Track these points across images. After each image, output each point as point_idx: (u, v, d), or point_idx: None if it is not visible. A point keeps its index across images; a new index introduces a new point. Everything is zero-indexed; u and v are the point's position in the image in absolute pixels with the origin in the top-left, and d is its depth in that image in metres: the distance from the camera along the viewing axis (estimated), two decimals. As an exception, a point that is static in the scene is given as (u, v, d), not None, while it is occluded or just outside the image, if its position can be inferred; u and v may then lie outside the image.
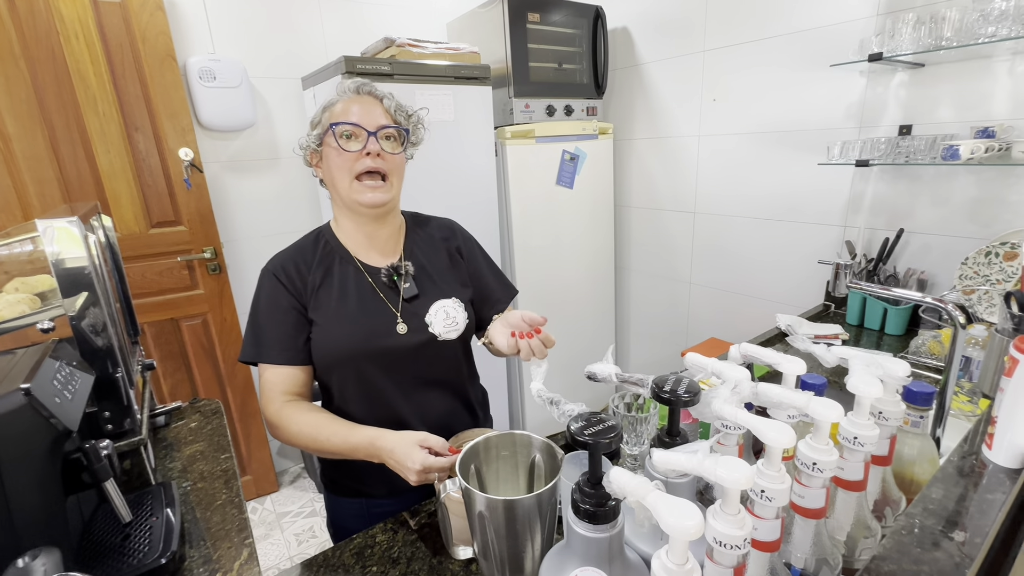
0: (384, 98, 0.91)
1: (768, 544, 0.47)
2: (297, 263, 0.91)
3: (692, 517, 0.35)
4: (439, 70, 1.74)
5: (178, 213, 1.87)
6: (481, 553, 0.66)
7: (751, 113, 1.84)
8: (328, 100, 0.90)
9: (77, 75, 1.62)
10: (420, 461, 0.72)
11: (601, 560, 0.47)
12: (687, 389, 0.50)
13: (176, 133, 1.80)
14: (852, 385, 0.53)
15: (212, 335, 2.02)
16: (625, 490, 0.39)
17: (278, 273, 0.90)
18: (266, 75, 2.01)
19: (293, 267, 0.90)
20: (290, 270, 0.90)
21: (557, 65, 2.09)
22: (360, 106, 0.87)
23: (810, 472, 0.50)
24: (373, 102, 0.89)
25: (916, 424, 0.64)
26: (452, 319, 0.91)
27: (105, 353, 0.88)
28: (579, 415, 0.46)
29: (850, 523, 0.56)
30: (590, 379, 0.60)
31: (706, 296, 2.17)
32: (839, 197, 1.66)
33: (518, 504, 0.59)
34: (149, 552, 0.73)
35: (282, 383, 0.88)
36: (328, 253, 0.93)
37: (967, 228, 1.40)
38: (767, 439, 0.45)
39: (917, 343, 1.29)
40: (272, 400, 0.87)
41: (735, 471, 0.40)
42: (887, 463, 0.59)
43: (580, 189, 2.18)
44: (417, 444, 0.74)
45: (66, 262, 0.83)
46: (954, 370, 0.82)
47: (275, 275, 0.90)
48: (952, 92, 1.38)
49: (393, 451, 0.75)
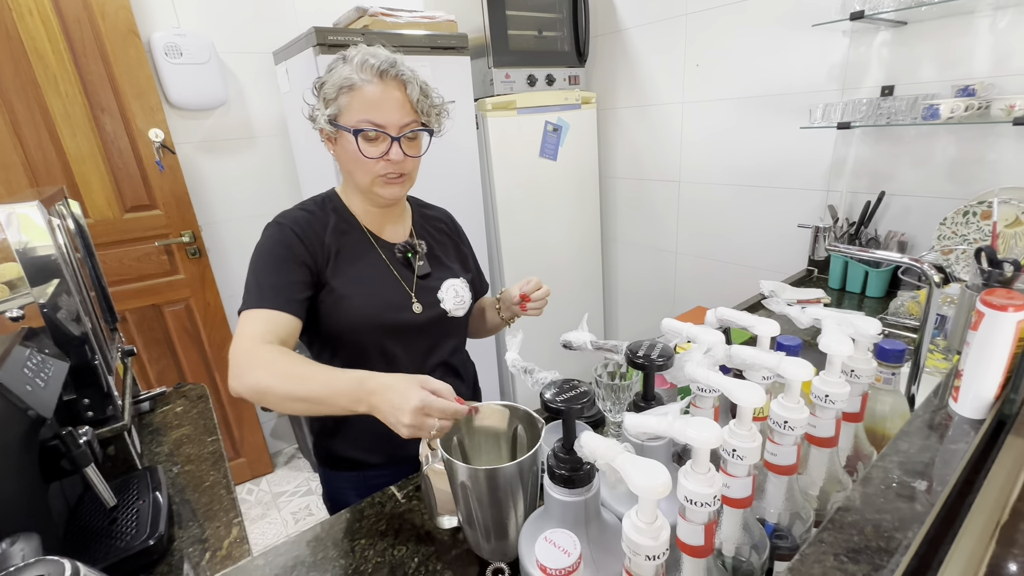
0: (408, 83, 0.83)
1: (740, 501, 0.48)
2: (312, 224, 0.87)
3: (659, 476, 0.36)
4: (415, 40, 1.69)
5: (152, 197, 1.82)
6: (466, 522, 0.67)
7: (734, 78, 1.81)
8: (346, 78, 0.80)
9: (35, 53, 1.55)
10: (420, 398, 0.61)
11: (578, 523, 0.47)
12: (660, 353, 0.51)
13: (144, 113, 1.74)
14: (824, 344, 0.53)
15: (196, 320, 1.99)
16: (596, 453, 0.39)
17: (295, 227, 0.85)
18: (235, 50, 1.94)
19: (309, 226, 0.87)
20: (306, 228, 0.86)
21: (537, 32, 2.03)
22: (384, 98, 0.81)
23: (781, 430, 0.50)
24: (398, 89, 0.82)
25: (888, 381, 0.65)
26: (461, 297, 0.96)
27: (80, 340, 0.87)
28: (552, 382, 0.46)
29: (822, 478, 0.58)
30: (565, 347, 0.60)
31: (692, 265, 2.18)
32: (822, 161, 1.66)
33: (499, 473, 0.60)
34: (136, 534, 0.74)
35: (270, 326, 0.78)
36: (340, 221, 0.91)
37: (946, 189, 1.41)
38: (737, 399, 0.46)
39: (896, 304, 1.31)
40: (249, 338, 0.76)
41: (704, 431, 0.40)
42: (859, 419, 0.60)
43: (564, 161, 2.15)
44: (419, 384, 0.64)
45: (31, 248, 0.80)
46: (929, 327, 0.83)
47: (292, 229, 0.85)
48: (934, 50, 1.37)
49: (391, 387, 0.64)
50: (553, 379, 0.47)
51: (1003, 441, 0.45)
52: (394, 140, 0.83)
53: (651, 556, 0.36)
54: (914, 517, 0.37)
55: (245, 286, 0.83)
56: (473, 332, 1.11)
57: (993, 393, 0.49)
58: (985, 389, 0.49)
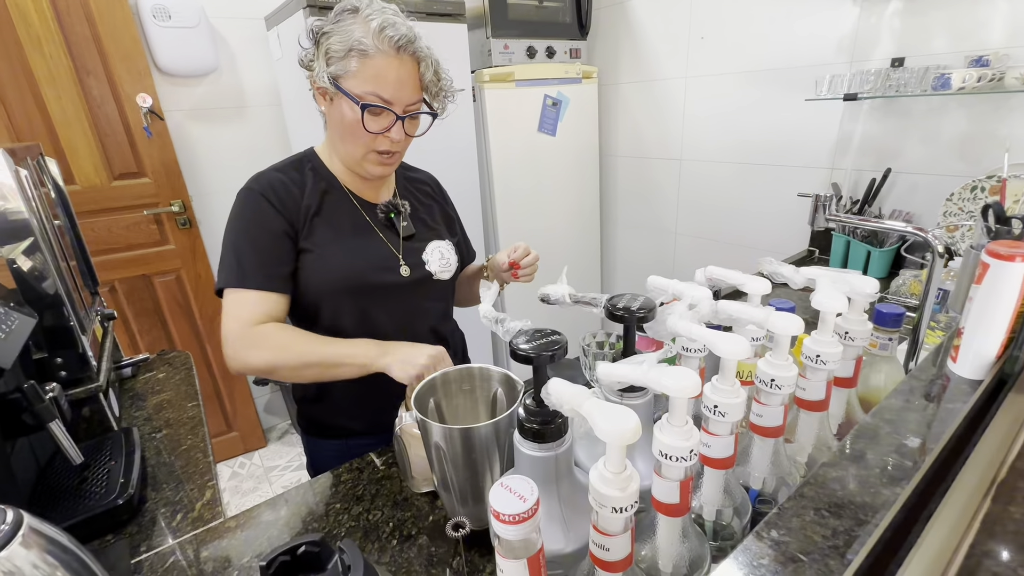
0: (423, 61, 0.79)
1: (721, 462, 0.46)
2: (287, 186, 0.83)
3: (628, 420, 0.33)
4: (409, 5, 1.60)
5: (141, 164, 1.78)
6: (441, 485, 0.65)
7: (740, 51, 1.75)
8: (359, 41, 0.75)
9: (16, 11, 1.50)
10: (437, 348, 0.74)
11: (548, 480, 0.45)
12: (641, 306, 0.48)
13: (132, 77, 1.69)
14: (817, 301, 0.50)
15: (187, 291, 1.97)
16: (562, 399, 0.36)
17: (267, 194, 0.82)
18: (226, 14, 1.88)
19: (284, 190, 0.83)
20: (281, 193, 0.82)
21: (538, 2, 1.97)
22: (396, 74, 0.77)
23: (768, 390, 0.47)
24: (411, 66, 0.78)
25: (884, 347, 0.62)
26: (446, 260, 0.94)
27: (54, 300, 0.84)
28: (522, 331, 0.43)
29: (812, 444, 0.55)
30: (543, 301, 0.57)
31: (692, 245, 2.14)
32: (827, 138, 1.61)
33: (474, 432, 0.58)
34: (105, 494, 0.72)
35: (261, 308, 0.79)
36: (319, 180, 0.87)
37: (955, 166, 1.36)
38: (720, 351, 0.43)
39: (897, 283, 1.27)
40: (242, 320, 0.78)
41: (681, 379, 0.37)
42: (852, 385, 0.57)
43: (563, 137, 2.10)
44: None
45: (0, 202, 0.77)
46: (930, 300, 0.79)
47: (264, 196, 0.81)
48: (947, 20, 1.31)
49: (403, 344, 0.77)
50: (523, 327, 0.45)
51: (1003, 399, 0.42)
52: (398, 119, 0.79)
53: (619, 508, 0.34)
54: (904, 474, 0.34)
55: (222, 258, 0.81)
56: (461, 300, 1.08)
57: (995, 351, 0.46)
58: (987, 347, 0.46)
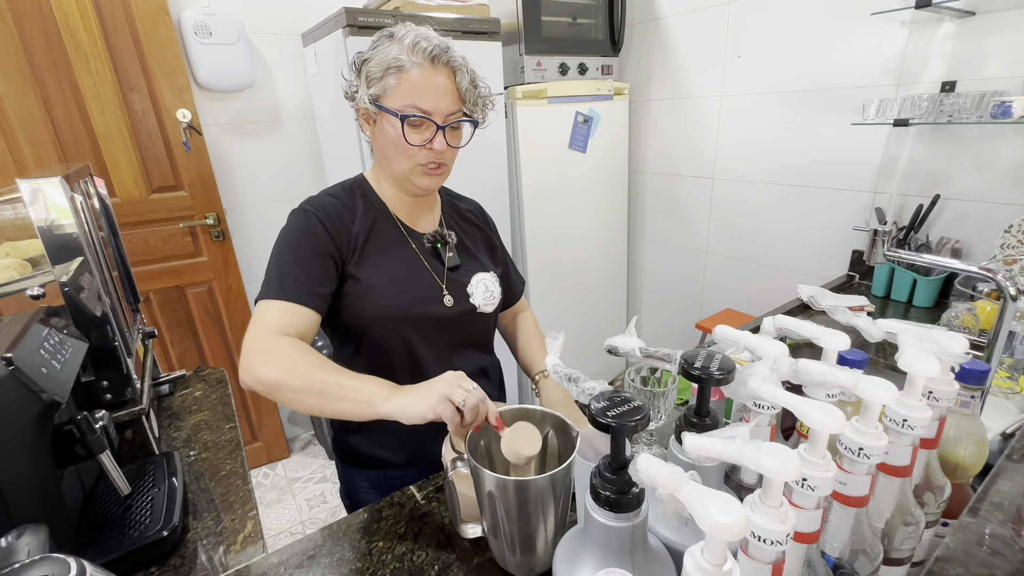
0: (459, 71, 0.80)
1: (807, 536, 0.43)
2: (340, 212, 0.83)
3: (734, 515, 0.31)
4: (446, 23, 1.64)
5: (178, 177, 1.81)
6: (491, 532, 0.63)
7: (779, 70, 1.72)
8: (395, 58, 0.76)
9: (67, 30, 1.54)
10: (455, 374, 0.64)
11: (623, 550, 0.43)
12: (720, 366, 0.45)
13: (173, 93, 1.72)
14: (905, 362, 0.47)
15: (218, 303, 1.99)
16: (655, 480, 0.34)
17: (321, 216, 0.82)
18: (264, 31, 1.91)
19: (336, 214, 0.83)
20: (333, 216, 0.82)
21: (571, 19, 1.96)
22: (433, 84, 0.77)
23: (855, 458, 0.45)
24: (447, 77, 0.79)
25: (966, 404, 0.58)
26: (491, 292, 0.93)
27: (100, 321, 0.85)
28: (601, 394, 0.41)
29: (891, 510, 0.52)
30: (611, 353, 0.55)
31: (722, 266, 2.10)
32: (870, 161, 1.56)
33: (530, 485, 0.56)
34: (150, 524, 0.72)
35: (289, 319, 0.75)
36: (370, 208, 0.87)
37: (1011, 195, 1.31)
38: (813, 423, 0.40)
39: (949, 315, 1.22)
40: (267, 328, 0.73)
41: (781, 460, 0.35)
42: (934, 446, 0.54)
43: (593, 153, 2.08)
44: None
45: (53, 225, 0.78)
46: (1000, 345, 0.76)
47: (318, 217, 0.81)
48: (1004, 44, 1.26)
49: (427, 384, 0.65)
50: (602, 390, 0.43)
51: None
52: (439, 129, 0.79)
53: (718, 603, 0.32)
54: None
55: (266, 273, 0.80)
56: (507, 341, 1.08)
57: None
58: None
